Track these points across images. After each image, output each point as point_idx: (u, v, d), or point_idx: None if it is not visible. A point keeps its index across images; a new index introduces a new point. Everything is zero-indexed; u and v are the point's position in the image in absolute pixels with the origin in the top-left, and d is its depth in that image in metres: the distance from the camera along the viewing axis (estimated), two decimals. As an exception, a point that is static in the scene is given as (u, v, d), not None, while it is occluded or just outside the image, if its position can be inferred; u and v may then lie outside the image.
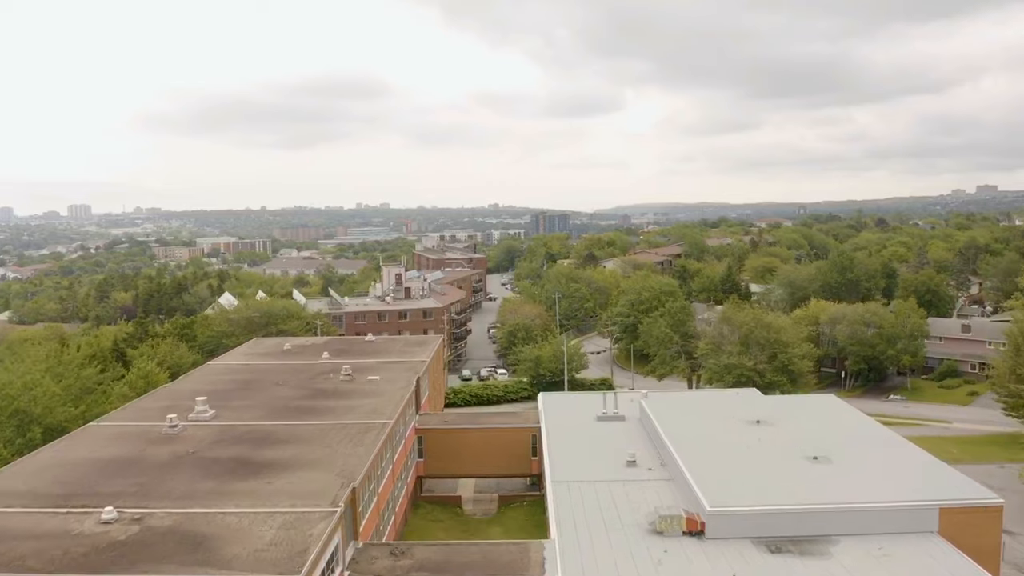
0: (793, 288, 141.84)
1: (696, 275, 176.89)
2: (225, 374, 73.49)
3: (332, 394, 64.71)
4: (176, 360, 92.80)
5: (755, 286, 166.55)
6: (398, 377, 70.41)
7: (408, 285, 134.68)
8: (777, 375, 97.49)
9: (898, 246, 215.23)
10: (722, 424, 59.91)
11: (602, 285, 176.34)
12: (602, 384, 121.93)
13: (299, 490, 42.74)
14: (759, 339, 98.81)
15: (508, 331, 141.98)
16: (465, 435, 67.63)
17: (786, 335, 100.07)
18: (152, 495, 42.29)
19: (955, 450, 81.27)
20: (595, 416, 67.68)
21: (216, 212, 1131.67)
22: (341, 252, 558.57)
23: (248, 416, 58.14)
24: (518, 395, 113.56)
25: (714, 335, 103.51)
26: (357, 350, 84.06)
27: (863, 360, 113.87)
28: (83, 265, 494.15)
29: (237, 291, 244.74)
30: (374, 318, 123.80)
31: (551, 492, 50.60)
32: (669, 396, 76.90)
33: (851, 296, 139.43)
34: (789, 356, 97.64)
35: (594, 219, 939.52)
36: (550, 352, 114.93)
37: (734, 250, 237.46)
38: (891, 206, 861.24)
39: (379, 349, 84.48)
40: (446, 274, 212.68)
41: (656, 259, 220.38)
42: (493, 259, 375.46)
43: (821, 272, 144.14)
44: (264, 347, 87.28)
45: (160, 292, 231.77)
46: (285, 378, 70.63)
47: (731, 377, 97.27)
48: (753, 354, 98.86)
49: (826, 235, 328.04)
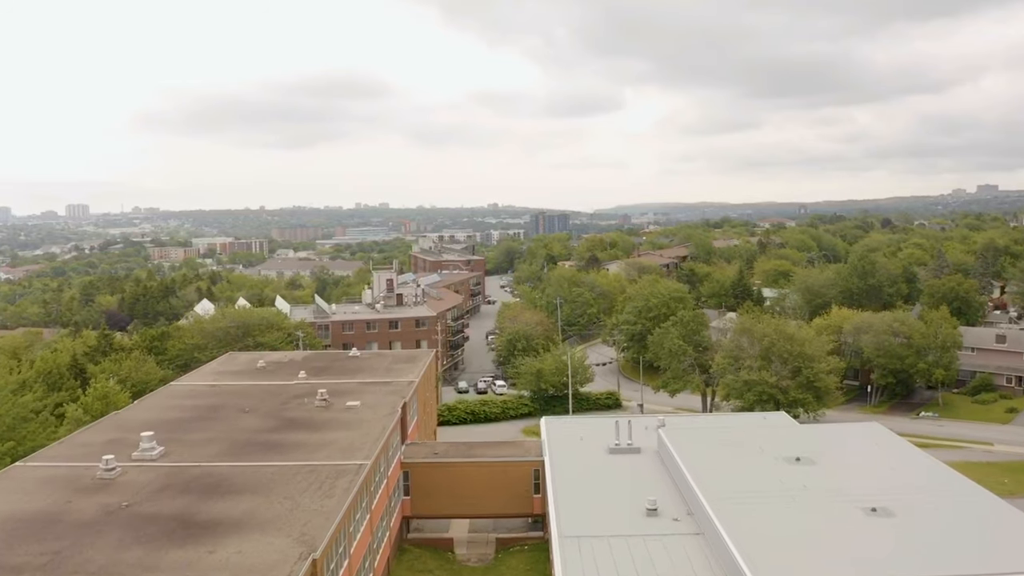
0: (811, 294, 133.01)
1: (705, 279, 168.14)
2: (187, 397, 65.08)
3: (304, 425, 56.31)
4: (143, 377, 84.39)
5: (768, 291, 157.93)
6: (382, 403, 62.00)
7: (400, 291, 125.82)
8: (801, 392, 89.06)
9: (913, 248, 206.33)
10: (755, 461, 51.54)
11: (606, 289, 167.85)
12: (608, 398, 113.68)
13: (246, 562, 34.35)
14: (781, 352, 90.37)
15: (507, 339, 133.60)
16: (458, 470, 59.22)
17: (810, 348, 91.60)
18: (62, 569, 33.90)
19: (1007, 480, 72.91)
20: (607, 448, 59.31)
21: (215, 212, 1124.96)
22: (338, 253, 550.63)
23: (203, 454, 49.72)
24: (518, 412, 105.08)
25: (731, 348, 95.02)
26: (338, 368, 75.61)
27: (891, 374, 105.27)
28: (76, 266, 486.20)
29: (227, 295, 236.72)
30: (362, 328, 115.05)
31: (559, 552, 42.16)
32: (689, 424, 68.41)
33: (872, 303, 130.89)
34: (815, 371, 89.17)
35: (594, 219, 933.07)
36: (552, 364, 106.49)
37: (742, 252, 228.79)
38: (892, 206, 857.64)
39: (363, 367, 76.00)
40: (443, 277, 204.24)
41: (661, 261, 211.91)
42: (492, 260, 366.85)
43: (841, 277, 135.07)
44: (237, 364, 78.82)
45: (146, 295, 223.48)
46: (254, 404, 62.22)
47: (752, 395, 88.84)
48: (775, 369, 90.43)
49: (833, 236, 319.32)
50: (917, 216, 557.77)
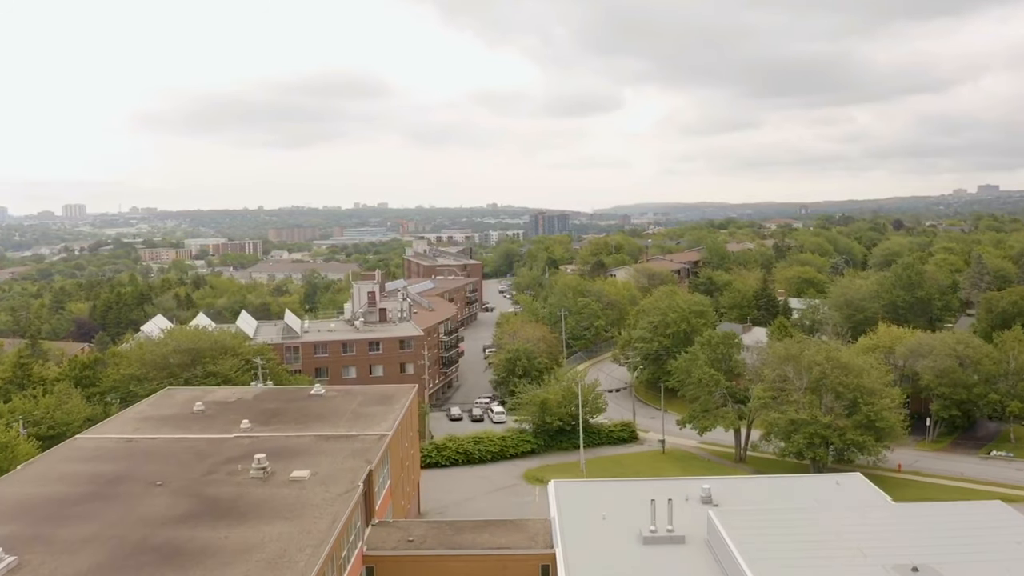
0: (851, 308, 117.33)
1: (725, 289, 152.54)
2: (87, 460, 49.92)
3: (228, 510, 41.16)
4: (63, 417, 69.17)
5: (795, 301, 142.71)
6: (340, 472, 46.82)
7: (384, 306, 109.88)
8: (860, 433, 73.96)
9: (944, 253, 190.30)
10: (855, 571, 36.54)
11: (614, 299, 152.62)
12: (623, 431, 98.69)
13: None
14: (835, 386, 75.28)
15: (507, 358, 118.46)
16: (439, 566, 44.05)
17: (869, 379, 76.49)
18: None
19: None
20: (639, 535, 44.19)
21: (212, 212, 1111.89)
22: (332, 254, 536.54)
23: (64, 574, 34.56)
24: (519, 449, 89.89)
25: (774, 379, 79.83)
26: (294, 412, 60.36)
27: (954, 405, 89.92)
28: (63, 268, 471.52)
29: (206, 301, 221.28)
30: (338, 350, 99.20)
31: None
32: (741, 488, 53.08)
33: (918, 318, 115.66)
34: (876, 409, 74.07)
35: (594, 219, 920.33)
36: (558, 394, 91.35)
37: (757, 257, 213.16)
38: (893, 206, 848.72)
39: (325, 411, 60.74)
40: (436, 284, 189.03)
41: (672, 267, 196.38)
42: (491, 263, 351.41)
43: (884, 289, 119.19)
44: (171, 405, 63.62)
45: (119, 303, 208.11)
46: (171, 472, 47.05)
47: (801, 437, 73.75)
48: (826, 405, 75.36)
49: (847, 238, 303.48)
50: (920, 217, 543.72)
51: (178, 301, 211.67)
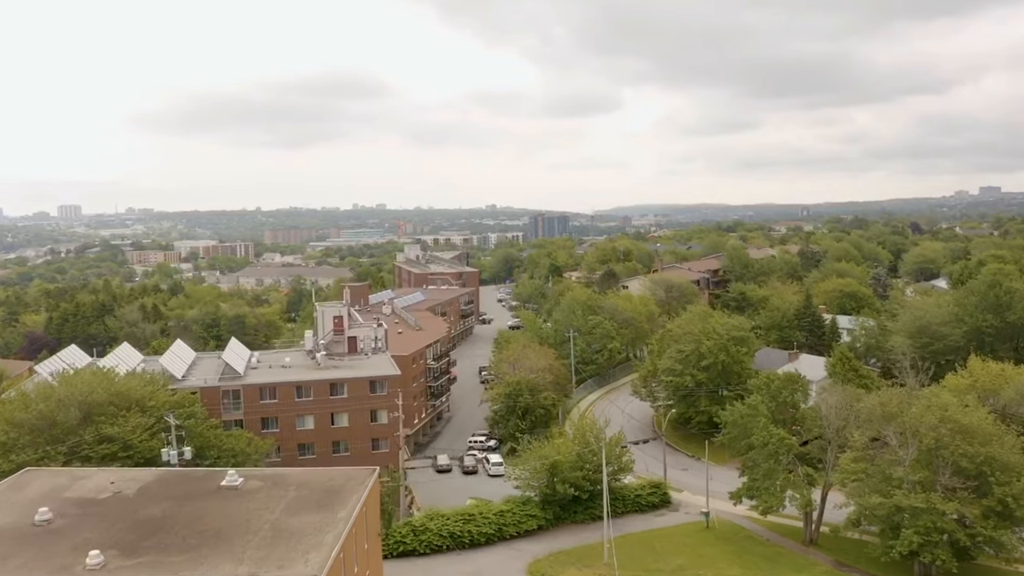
0: (928, 336, 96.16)
1: (761, 306, 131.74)
2: None
3: None
4: None
5: (843, 320, 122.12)
6: None
7: (353, 333, 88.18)
8: (991, 525, 53.63)
9: (996, 262, 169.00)
10: None
11: (630, 317, 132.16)
12: (653, 494, 78.31)
13: None
14: (956, 458, 54.92)
15: (507, 392, 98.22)
16: None
17: (1000, 447, 56.13)
18: None
19: None
20: None
21: (209, 213, 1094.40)
22: (325, 257, 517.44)
23: None
24: (521, 527, 69.38)
25: (864, 446, 59.33)
26: (183, 526, 39.66)
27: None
28: (44, 271, 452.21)
29: (176, 313, 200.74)
30: (290, 395, 76.08)
31: None
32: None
33: (1005, 346, 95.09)
34: (1015, 491, 53.72)
35: (595, 220, 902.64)
36: (572, 453, 70.91)
37: (782, 266, 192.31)
38: (895, 207, 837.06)
39: (230, 524, 40.05)
40: (428, 295, 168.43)
41: (691, 276, 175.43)
42: (489, 268, 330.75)
43: (966, 311, 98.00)
44: (11, 505, 43.10)
45: (77, 315, 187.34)
46: None
47: (914, 533, 53.28)
48: (942, 483, 55.03)
49: (870, 243, 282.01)
50: (927, 219, 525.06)
51: (144, 313, 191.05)
